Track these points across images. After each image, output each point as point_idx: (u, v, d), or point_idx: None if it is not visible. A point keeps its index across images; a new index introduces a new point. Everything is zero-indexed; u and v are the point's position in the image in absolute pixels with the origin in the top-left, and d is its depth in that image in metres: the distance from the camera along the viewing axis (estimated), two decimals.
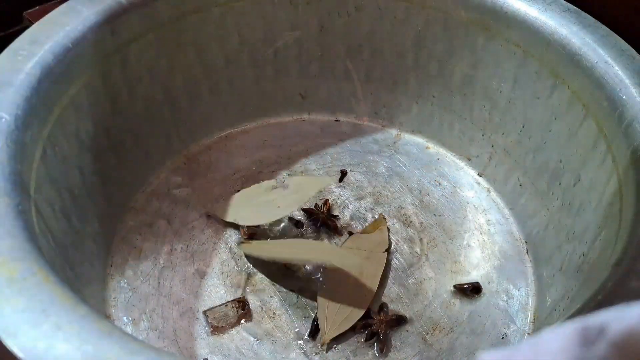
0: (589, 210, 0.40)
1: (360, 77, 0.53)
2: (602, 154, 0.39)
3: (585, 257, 0.39)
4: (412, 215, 0.49)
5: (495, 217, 0.49)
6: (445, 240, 0.47)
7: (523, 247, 0.47)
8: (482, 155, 0.51)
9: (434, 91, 0.52)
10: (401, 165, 0.52)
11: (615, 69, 0.39)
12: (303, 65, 0.53)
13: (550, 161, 0.45)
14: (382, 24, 0.50)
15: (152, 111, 0.48)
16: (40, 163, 0.35)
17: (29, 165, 0.34)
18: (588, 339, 0.20)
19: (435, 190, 0.51)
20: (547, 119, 0.45)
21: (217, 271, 0.44)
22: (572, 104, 0.42)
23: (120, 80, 0.44)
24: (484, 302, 0.44)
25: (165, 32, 0.45)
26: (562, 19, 0.42)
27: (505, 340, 0.42)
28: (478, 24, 0.46)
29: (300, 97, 0.54)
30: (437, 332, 0.42)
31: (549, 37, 0.42)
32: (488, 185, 0.51)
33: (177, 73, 0.48)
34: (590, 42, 0.41)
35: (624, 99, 0.38)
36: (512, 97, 0.47)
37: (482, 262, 0.46)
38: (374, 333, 0.41)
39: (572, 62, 0.41)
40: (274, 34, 0.51)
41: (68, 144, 0.39)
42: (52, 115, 0.37)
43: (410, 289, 0.44)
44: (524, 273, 0.46)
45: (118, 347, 0.26)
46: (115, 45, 0.42)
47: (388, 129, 0.55)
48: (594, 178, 0.40)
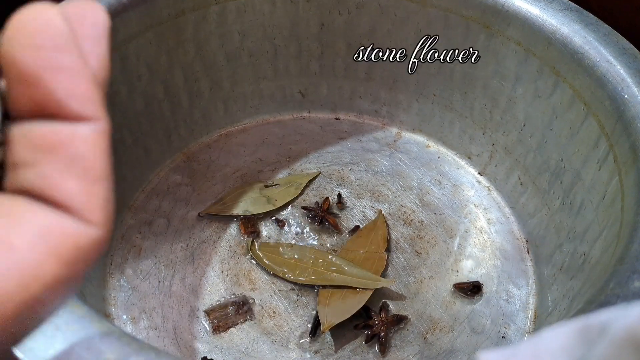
0: (590, 210, 0.41)
1: (360, 75, 0.53)
2: (604, 153, 0.39)
3: (586, 256, 0.40)
4: (412, 214, 0.49)
5: (496, 216, 0.49)
6: (445, 239, 0.48)
7: (524, 246, 0.48)
8: (483, 153, 0.52)
9: (435, 89, 0.52)
10: (401, 164, 0.53)
11: (617, 68, 0.39)
12: (303, 63, 0.53)
13: (551, 160, 0.45)
14: (382, 22, 0.50)
15: (151, 109, 0.48)
16: None
17: None
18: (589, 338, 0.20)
19: (435, 189, 0.51)
20: (548, 118, 0.45)
21: (217, 270, 0.45)
22: (573, 102, 0.42)
23: (120, 78, 0.44)
24: (485, 302, 0.44)
25: (165, 30, 0.45)
26: (564, 17, 0.43)
27: (505, 339, 0.42)
28: (479, 22, 0.46)
29: (301, 95, 0.55)
30: (438, 331, 0.43)
31: (550, 36, 0.43)
32: (489, 184, 0.51)
33: (177, 71, 0.48)
34: (592, 41, 0.41)
35: (626, 98, 0.38)
36: (513, 95, 0.47)
37: (482, 261, 0.46)
38: (375, 334, 0.42)
39: (573, 61, 0.41)
40: (274, 32, 0.51)
41: None
42: None
43: (410, 288, 0.45)
44: (525, 272, 0.46)
45: (117, 348, 0.26)
46: (114, 43, 0.42)
47: (388, 127, 0.55)
48: (595, 177, 0.40)
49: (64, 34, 0.16)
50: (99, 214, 0.16)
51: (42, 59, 0.16)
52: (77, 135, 0.16)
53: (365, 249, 0.46)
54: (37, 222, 0.15)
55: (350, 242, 0.46)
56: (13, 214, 0.15)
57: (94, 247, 0.16)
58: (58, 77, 0.16)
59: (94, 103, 0.16)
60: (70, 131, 0.16)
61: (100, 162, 0.17)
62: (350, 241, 0.46)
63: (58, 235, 0.16)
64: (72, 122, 0.16)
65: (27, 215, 0.15)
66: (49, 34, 0.16)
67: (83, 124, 0.16)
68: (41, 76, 0.16)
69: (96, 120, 0.16)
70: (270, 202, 0.48)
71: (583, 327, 0.20)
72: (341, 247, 0.46)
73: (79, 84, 0.16)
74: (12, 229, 0.15)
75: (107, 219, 0.17)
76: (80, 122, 0.16)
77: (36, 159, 0.16)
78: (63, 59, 0.16)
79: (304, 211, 0.48)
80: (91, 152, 0.16)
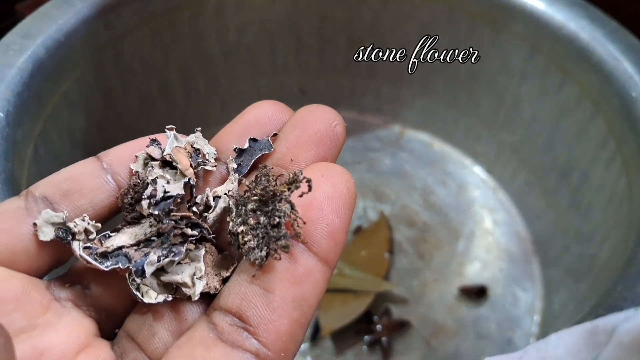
0: (598, 210, 0.41)
1: (362, 71, 0.53)
2: (612, 152, 0.39)
3: (593, 258, 0.40)
4: (415, 215, 0.49)
5: (502, 217, 0.49)
6: (450, 241, 0.48)
7: (530, 247, 0.48)
8: (489, 152, 0.52)
9: (439, 86, 0.52)
10: (404, 163, 0.53)
11: (625, 65, 0.39)
12: (303, 58, 0.53)
13: (558, 159, 0.45)
14: (384, 17, 0.50)
15: (147, 106, 0.48)
16: (32, 161, 0.35)
17: (20, 163, 0.34)
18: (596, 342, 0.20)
19: (440, 189, 0.51)
20: (555, 116, 0.45)
21: None
22: (580, 100, 0.42)
23: (114, 75, 0.44)
24: (490, 305, 0.44)
25: (160, 25, 0.45)
26: (570, 12, 0.43)
27: (511, 344, 0.42)
28: (484, 17, 0.46)
29: (300, 92, 0.55)
30: (442, 336, 0.43)
31: (556, 32, 0.43)
32: (494, 184, 0.51)
33: (173, 67, 0.48)
34: (600, 37, 0.41)
35: (634, 96, 0.38)
36: (519, 93, 0.47)
37: (488, 263, 0.46)
38: (377, 340, 0.42)
39: (581, 57, 0.41)
40: (273, 26, 0.51)
41: (60, 140, 0.39)
42: (44, 111, 0.37)
43: (414, 292, 0.45)
44: (531, 275, 0.46)
45: None
46: (109, 39, 0.42)
47: (391, 125, 0.55)
48: (603, 177, 0.40)
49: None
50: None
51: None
52: (312, 273, 0.18)
53: (367, 251, 0.46)
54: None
55: (352, 244, 0.46)
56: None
57: None
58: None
59: (338, 253, 0.19)
60: (310, 267, 0.18)
61: (313, 311, 0.18)
62: (351, 243, 0.46)
63: None
64: (312, 255, 0.18)
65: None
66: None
67: (320, 263, 0.18)
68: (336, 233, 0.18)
69: (330, 265, 0.18)
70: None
71: (590, 331, 0.20)
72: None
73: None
74: None
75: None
76: (319, 261, 0.18)
77: (270, 283, 0.18)
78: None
79: None
80: (313, 296, 0.18)
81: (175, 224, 0.19)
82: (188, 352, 0.17)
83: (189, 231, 0.19)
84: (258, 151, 0.21)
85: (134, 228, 0.20)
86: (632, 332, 0.19)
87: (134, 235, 0.19)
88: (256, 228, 0.18)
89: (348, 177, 0.20)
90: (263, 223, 0.18)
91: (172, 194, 0.19)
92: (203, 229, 0.20)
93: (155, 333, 0.19)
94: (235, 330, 0.17)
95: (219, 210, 0.20)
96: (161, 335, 0.19)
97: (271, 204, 0.18)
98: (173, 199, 0.19)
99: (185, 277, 0.19)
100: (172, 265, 0.19)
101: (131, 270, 0.19)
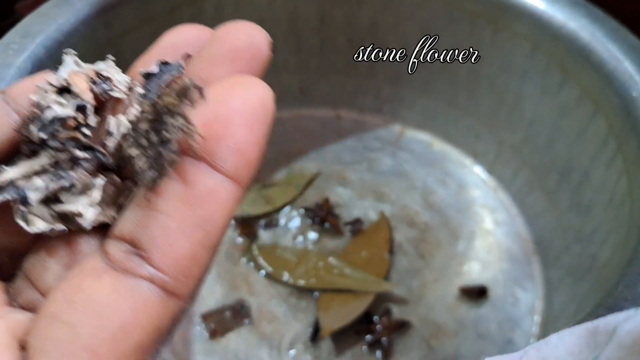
0: (599, 210, 0.41)
1: (362, 71, 0.54)
2: (612, 152, 0.40)
3: (594, 258, 0.40)
4: (415, 215, 0.49)
5: (502, 217, 0.50)
6: (450, 241, 0.48)
7: (530, 247, 0.48)
8: (489, 152, 0.52)
9: (440, 86, 0.52)
10: (404, 163, 0.53)
11: (625, 65, 0.39)
12: (303, 58, 0.53)
13: (558, 159, 0.46)
14: (385, 16, 0.50)
15: None
16: None
17: None
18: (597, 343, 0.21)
19: (440, 189, 0.51)
20: (555, 116, 0.45)
21: (214, 273, 0.45)
22: (581, 100, 0.43)
23: None
24: (490, 305, 0.45)
25: (160, 25, 0.46)
26: (571, 11, 0.43)
27: (511, 344, 0.43)
28: (484, 16, 0.47)
29: (300, 92, 0.55)
30: (442, 336, 0.43)
31: (557, 31, 0.43)
32: (495, 184, 0.52)
33: None
34: (600, 36, 0.41)
35: (634, 96, 0.38)
36: (519, 92, 0.48)
37: (488, 263, 0.47)
38: (377, 340, 0.42)
39: (581, 57, 0.42)
40: (273, 26, 0.51)
41: None
42: None
43: (414, 292, 0.45)
44: (532, 275, 0.46)
45: None
46: (108, 38, 0.43)
47: (391, 125, 0.56)
48: (604, 177, 0.41)
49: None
50: (188, 290, 0.17)
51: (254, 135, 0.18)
52: (215, 192, 0.17)
53: (367, 252, 0.46)
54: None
55: (352, 244, 0.47)
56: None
57: (173, 317, 0.17)
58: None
59: (249, 171, 0.17)
60: (212, 185, 0.17)
61: (221, 232, 0.17)
62: (351, 243, 0.47)
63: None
64: (216, 173, 0.17)
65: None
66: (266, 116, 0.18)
67: (226, 182, 0.17)
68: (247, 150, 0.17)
69: (240, 183, 0.17)
70: (269, 202, 0.49)
71: (591, 332, 0.21)
72: (342, 249, 0.47)
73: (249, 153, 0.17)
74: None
75: (192, 294, 0.17)
76: (225, 178, 0.17)
77: (165, 205, 0.16)
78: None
79: (304, 212, 0.49)
80: (219, 216, 0.17)
81: (63, 146, 0.18)
82: (76, 282, 0.16)
83: (78, 153, 0.18)
84: (168, 75, 0.19)
85: (31, 161, 0.18)
86: (632, 333, 0.20)
87: (30, 167, 0.18)
88: (148, 148, 0.17)
89: (263, 89, 0.18)
90: (156, 142, 0.17)
91: (61, 116, 0.18)
92: (98, 153, 0.18)
93: (48, 267, 0.18)
94: (128, 257, 0.16)
95: (119, 136, 0.18)
96: (54, 269, 0.18)
97: (165, 121, 0.17)
98: (62, 122, 0.18)
99: (79, 207, 0.18)
100: (68, 196, 0.18)
101: (16, 198, 0.18)
